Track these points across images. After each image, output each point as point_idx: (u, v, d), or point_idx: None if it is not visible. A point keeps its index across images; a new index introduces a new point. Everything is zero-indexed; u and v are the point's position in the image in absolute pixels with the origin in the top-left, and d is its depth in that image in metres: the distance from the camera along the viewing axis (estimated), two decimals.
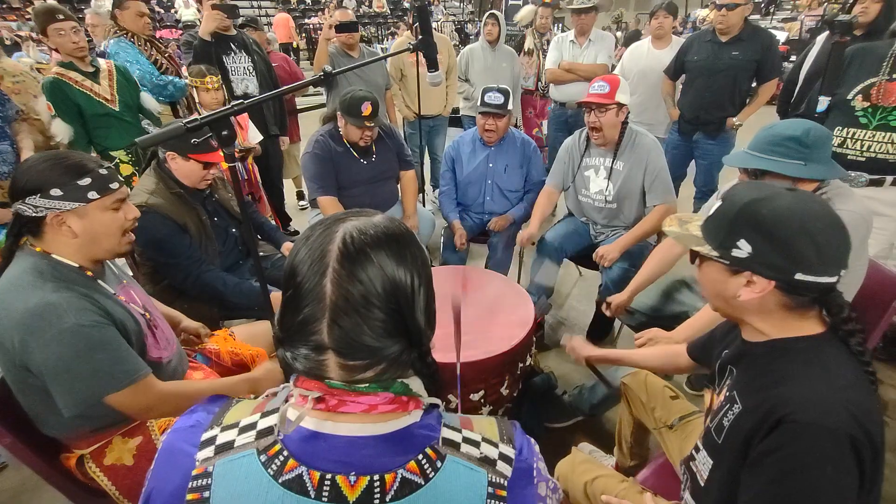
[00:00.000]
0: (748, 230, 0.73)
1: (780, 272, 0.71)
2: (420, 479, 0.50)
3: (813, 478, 0.65)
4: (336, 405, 0.52)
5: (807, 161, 1.20)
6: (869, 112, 1.83)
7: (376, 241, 0.52)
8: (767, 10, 11.66)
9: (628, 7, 14.41)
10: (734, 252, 0.74)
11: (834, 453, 0.65)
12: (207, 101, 2.46)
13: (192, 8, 11.31)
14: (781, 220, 0.70)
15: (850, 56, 1.90)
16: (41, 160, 1.02)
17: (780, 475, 0.67)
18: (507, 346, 1.52)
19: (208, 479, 0.50)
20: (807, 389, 0.70)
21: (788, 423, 0.68)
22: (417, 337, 0.54)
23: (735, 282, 0.76)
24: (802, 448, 0.66)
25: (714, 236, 0.78)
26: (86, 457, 1.11)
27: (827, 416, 0.66)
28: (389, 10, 14.04)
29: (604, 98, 1.94)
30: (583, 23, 3.16)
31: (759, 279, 0.73)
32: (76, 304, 0.98)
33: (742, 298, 0.75)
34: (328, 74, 1.14)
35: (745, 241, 0.73)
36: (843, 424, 0.65)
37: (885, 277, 1.43)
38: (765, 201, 0.72)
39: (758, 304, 0.76)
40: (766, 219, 0.71)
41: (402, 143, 2.53)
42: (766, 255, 0.71)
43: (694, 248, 0.81)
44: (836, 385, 0.69)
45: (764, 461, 0.70)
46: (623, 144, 2.05)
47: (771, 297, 0.74)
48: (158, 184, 1.67)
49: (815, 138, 1.20)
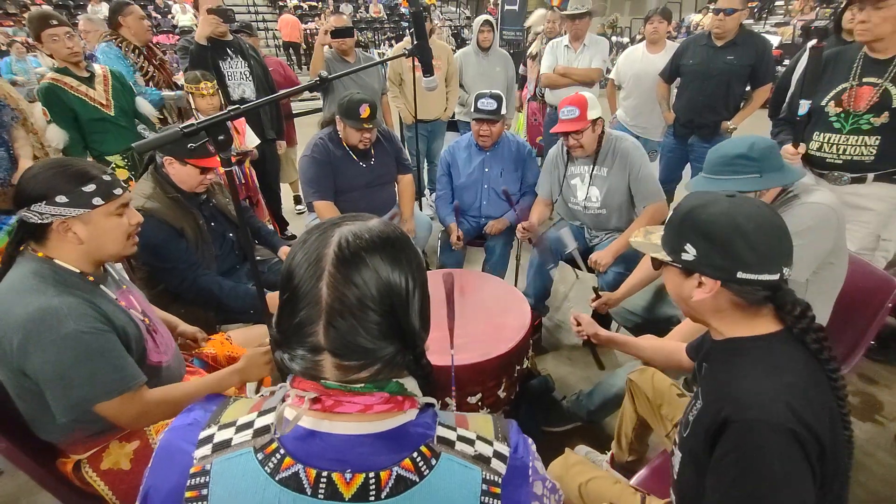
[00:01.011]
0: (692, 235, 0.80)
1: (724, 272, 0.77)
2: (415, 477, 0.51)
3: (764, 473, 0.68)
4: (332, 405, 0.53)
5: (761, 172, 1.25)
6: (842, 117, 1.88)
7: (371, 245, 0.53)
8: (761, 15, 11.78)
9: (623, 12, 14.53)
10: (683, 255, 0.81)
11: (778, 447, 0.68)
12: (203, 106, 2.47)
13: (189, 13, 11.34)
14: (717, 223, 0.77)
15: (824, 61, 1.94)
16: (46, 168, 1.03)
17: (735, 476, 0.71)
18: (503, 348, 1.52)
19: (206, 478, 0.51)
20: (750, 388, 0.74)
21: (733, 422, 0.72)
22: (412, 339, 0.55)
23: (689, 284, 0.82)
24: (749, 445, 0.70)
25: (667, 243, 0.85)
26: (82, 462, 1.11)
27: (767, 413, 0.70)
28: (386, 16, 14.10)
29: (576, 124, 1.96)
30: (577, 28, 3.19)
31: (706, 280, 0.79)
32: (77, 310, 0.98)
33: (695, 299, 0.81)
34: (324, 79, 1.16)
35: (690, 245, 0.80)
36: (783, 419, 0.68)
37: (877, 279, 1.45)
38: (703, 207, 0.80)
39: (711, 304, 0.82)
40: (704, 223, 0.79)
41: (400, 147, 2.55)
42: (709, 256, 0.78)
43: (652, 255, 0.88)
44: (781, 382, 0.73)
45: (721, 464, 0.73)
46: (603, 151, 2.07)
47: (722, 297, 0.80)
48: (155, 188, 1.67)
49: (761, 150, 1.25)
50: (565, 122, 1.98)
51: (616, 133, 2.11)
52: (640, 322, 1.82)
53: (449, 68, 3.48)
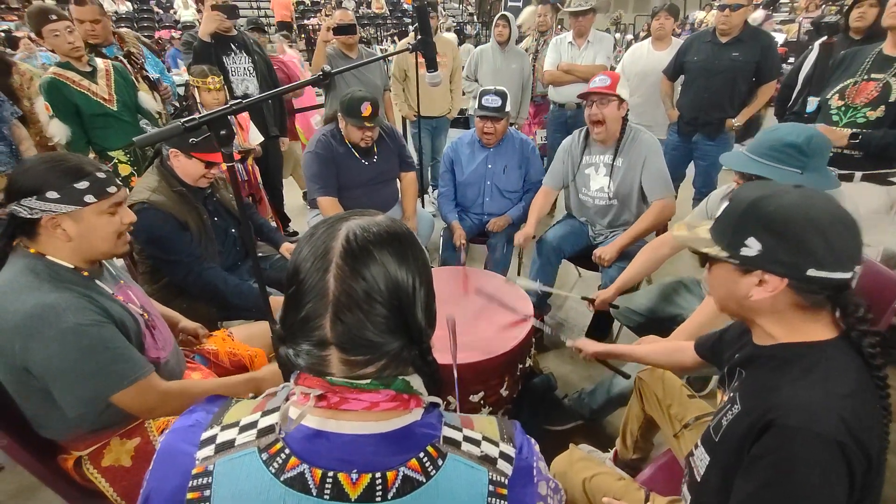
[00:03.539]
0: (756, 228, 0.72)
1: (792, 269, 0.70)
2: (421, 477, 0.50)
3: (800, 482, 0.65)
4: (338, 402, 0.52)
5: (804, 170, 1.19)
6: (841, 110, 1.89)
7: (379, 240, 0.53)
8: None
9: (627, 9, 14.45)
10: (743, 251, 0.73)
11: (822, 459, 0.64)
12: (209, 101, 2.46)
13: (191, 9, 11.34)
14: (788, 215, 0.70)
15: (840, 59, 1.93)
16: (40, 162, 1.01)
17: (769, 479, 0.67)
18: (506, 347, 1.52)
19: (209, 478, 0.50)
20: (801, 395, 0.69)
21: (777, 426, 0.68)
22: (418, 334, 0.55)
23: (746, 282, 0.75)
24: (790, 452, 0.66)
25: (722, 237, 0.77)
26: (83, 458, 1.11)
27: (816, 422, 0.65)
28: (388, 12, 14.06)
29: (606, 90, 1.95)
30: (581, 25, 3.17)
31: (770, 277, 0.72)
32: (75, 304, 0.97)
33: (754, 298, 0.74)
34: (326, 75, 1.14)
35: (754, 239, 0.72)
36: (833, 431, 0.64)
37: (884, 279, 1.43)
38: (771, 198, 0.72)
39: (770, 305, 0.75)
40: (773, 215, 0.71)
41: (403, 145, 2.53)
42: (776, 252, 0.70)
43: (703, 250, 0.80)
44: (834, 393, 0.68)
45: (755, 465, 0.70)
46: (623, 141, 2.05)
47: (783, 297, 0.73)
48: (161, 181, 1.68)
49: (816, 147, 1.19)
50: (595, 87, 1.97)
51: (637, 126, 2.10)
52: (643, 322, 1.81)
53: (453, 63, 3.46)
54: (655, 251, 1.78)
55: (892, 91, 1.76)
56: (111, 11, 10.54)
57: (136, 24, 10.97)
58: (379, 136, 2.34)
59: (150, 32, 10.34)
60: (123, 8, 11.24)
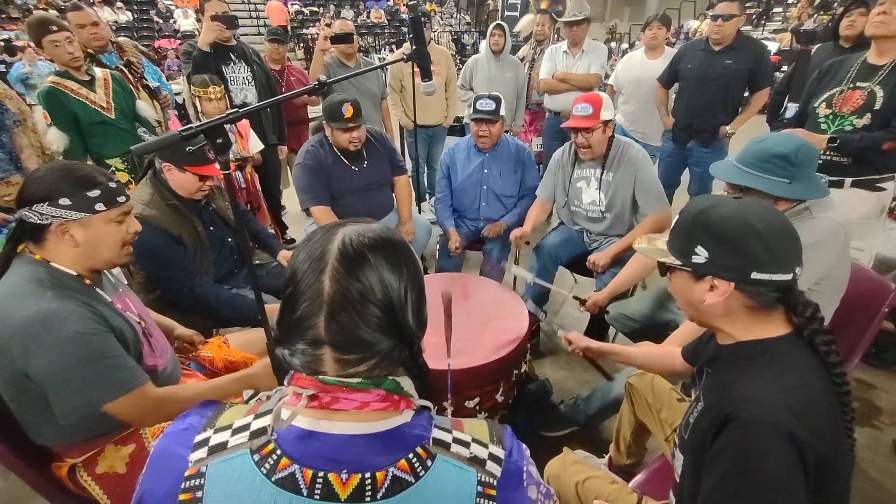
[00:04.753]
0: (702, 236, 0.78)
1: (737, 272, 0.76)
2: (410, 478, 0.51)
3: (757, 472, 0.67)
4: (329, 402, 0.53)
5: (792, 179, 1.21)
6: (829, 119, 1.92)
7: (374, 245, 0.55)
8: (759, 22, 11.84)
9: (622, 18, 14.62)
10: (694, 258, 0.80)
11: (776, 448, 0.67)
12: (210, 110, 2.47)
13: (190, 18, 11.44)
14: (729, 223, 0.76)
15: (826, 68, 1.96)
16: (52, 170, 1.03)
17: (727, 471, 0.70)
18: (501, 352, 1.52)
19: (201, 480, 0.51)
20: (756, 389, 0.74)
21: (733, 420, 0.72)
22: (409, 336, 0.56)
23: (700, 287, 0.81)
24: (747, 443, 0.69)
25: (676, 246, 0.84)
26: (77, 466, 1.11)
27: (768, 413, 0.69)
28: (387, 21, 14.18)
29: (588, 121, 1.95)
30: (575, 34, 3.21)
31: (719, 282, 0.78)
32: (76, 312, 0.98)
33: (707, 303, 0.80)
34: (322, 83, 1.16)
35: (702, 247, 0.78)
36: (783, 421, 0.68)
37: (874, 284, 1.45)
38: (713, 208, 0.79)
39: (723, 308, 0.81)
40: (715, 224, 0.77)
41: (393, 149, 2.55)
42: (721, 257, 0.77)
43: (659, 260, 0.87)
44: (786, 385, 0.72)
45: (715, 459, 0.73)
46: (611, 157, 2.07)
47: (734, 300, 0.79)
48: (154, 194, 1.66)
49: (803, 157, 1.21)
50: (578, 119, 1.98)
51: (625, 139, 2.11)
52: (638, 328, 1.82)
53: (448, 73, 3.50)
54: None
55: (877, 99, 1.79)
56: (112, 21, 10.62)
57: (136, 33, 11.05)
58: (367, 140, 2.35)
59: (150, 42, 10.42)
60: (124, 17, 11.33)
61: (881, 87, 1.79)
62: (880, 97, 1.79)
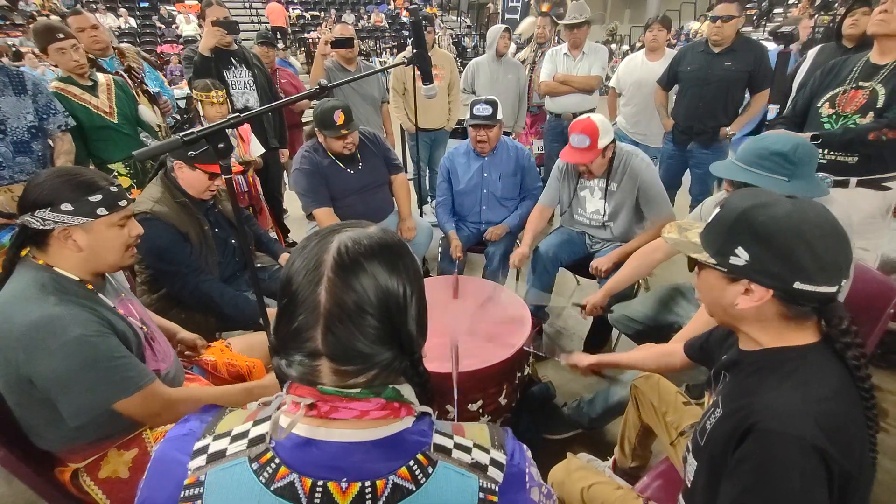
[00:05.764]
0: (746, 237, 0.71)
1: (779, 281, 0.70)
2: (411, 486, 0.51)
3: (781, 486, 0.65)
4: (328, 411, 0.52)
5: (791, 178, 1.21)
6: (832, 118, 1.92)
7: (370, 251, 0.53)
8: (759, 23, 11.84)
9: (623, 20, 14.64)
10: (732, 259, 0.73)
11: (801, 462, 0.64)
12: (212, 114, 2.49)
13: (192, 24, 11.50)
14: (779, 227, 0.69)
15: (829, 68, 1.96)
16: (54, 175, 1.04)
17: (750, 484, 0.67)
18: (504, 355, 1.52)
19: (200, 489, 0.50)
20: (780, 400, 0.69)
21: (757, 431, 0.68)
22: (409, 345, 0.55)
23: (733, 290, 0.75)
24: (770, 456, 0.66)
25: (712, 243, 0.77)
26: (80, 470, 1.11)
27: (794, 426, 0.66)
28: (387, 25, 14.23)
29: (586, 155, 1.92)
30: (575, 37, 3.21)
31: (756, 287, 0.72)
32: (79, 316, 0.98)
33: (740, 307, 0.74)
34: (323, 88, 1.17)
35: (743, 249, 0.71)
36: (809, 435, 0.64)
37: (879, 285, 1.44)
38: (763, 208, 0.71)
39: (755, 313, 0.75)
40: (763, 226, 0.70)
41: (387, 148, 2.56)
42: (764, 262, 0.70)
43: (692, 255, 0.79)
44: (812, 397, 0.68)
45: (737, 470, 0.70)
46: (615, 168, 2.06)
47: (769, 307, 0.73)
48: (164, 192, 1.70)
49: (802, 155, 1.21)
50: (575, 152, 1.94)
51: (627, 148, 2.09)
52: (641, 329, 1.82)
53: (451, 76, 3.51)
54: (647, 256, 1.79)
55: (880, 98, 1.79)
56: (115, 27, 10.70)
57: (139, 38, 11.12)
58: (360, 142, 2.36)
59: (153, 47, 10.48)
60: (127, 24, 11.41)
61: (883, 85, 1.79)
62: (882, 96, 1.79)
